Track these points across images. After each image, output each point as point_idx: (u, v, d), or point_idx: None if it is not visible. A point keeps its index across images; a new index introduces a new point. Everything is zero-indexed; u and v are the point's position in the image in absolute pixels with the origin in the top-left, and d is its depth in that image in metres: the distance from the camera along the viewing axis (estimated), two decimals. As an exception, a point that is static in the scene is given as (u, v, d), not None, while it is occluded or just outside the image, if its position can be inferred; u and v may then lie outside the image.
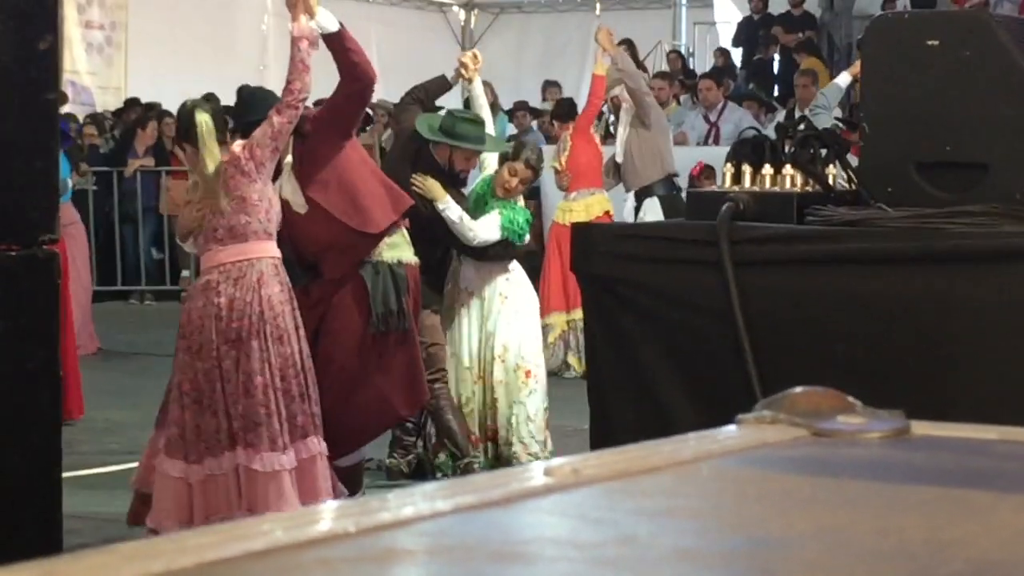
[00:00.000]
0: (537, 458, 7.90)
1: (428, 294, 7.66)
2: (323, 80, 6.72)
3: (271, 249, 6.19)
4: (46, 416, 4.74)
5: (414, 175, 7.76)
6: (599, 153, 11.71)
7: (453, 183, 7.93)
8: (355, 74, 6.45)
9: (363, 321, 6.66)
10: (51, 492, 4.71)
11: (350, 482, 6.70)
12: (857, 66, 11.07)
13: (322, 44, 6.43)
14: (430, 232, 7.61)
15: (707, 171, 13.12)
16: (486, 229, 7.92)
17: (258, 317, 6.05)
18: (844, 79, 11.19)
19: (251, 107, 6.64)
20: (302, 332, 6.21)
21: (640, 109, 11.47)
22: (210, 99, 19.64)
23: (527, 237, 8.29)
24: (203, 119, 6.19)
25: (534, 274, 11.08)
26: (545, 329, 10.81)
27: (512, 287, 8.24)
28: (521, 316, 8.20)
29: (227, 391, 6.02)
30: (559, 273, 11.26)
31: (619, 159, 11.67)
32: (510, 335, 8.14)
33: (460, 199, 7.96)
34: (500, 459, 8.14)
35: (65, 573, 1.26)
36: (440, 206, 7.75)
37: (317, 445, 6.18)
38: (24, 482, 4.61)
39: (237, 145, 6.21)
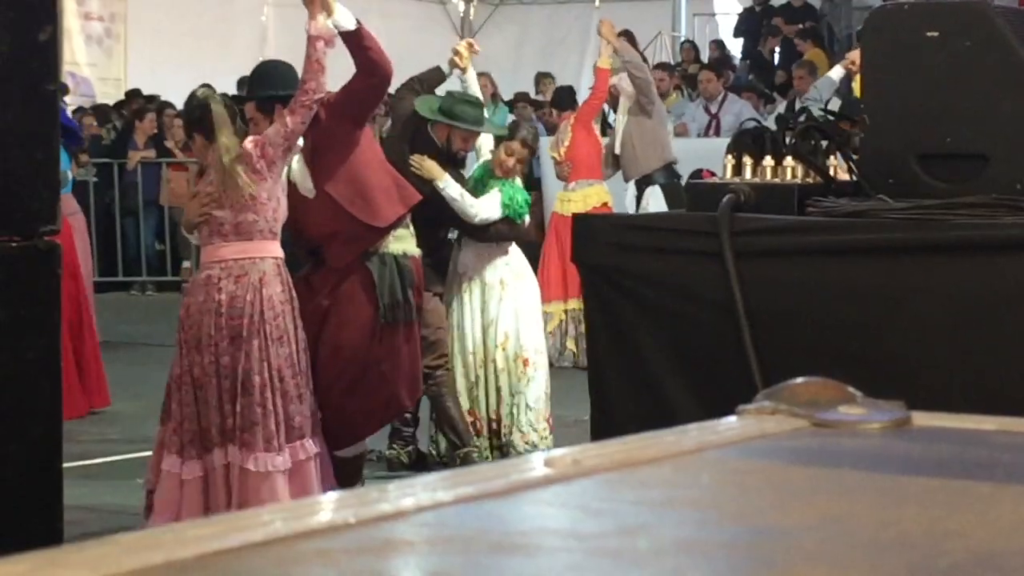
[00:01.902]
0: (536, 448, 7.91)
1: (431, 277, 7.66)
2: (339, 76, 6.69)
3: (275, 249, 6.18)
4: (46, 407, 4.74)
5: (412, 156, 7.77)
6: (599, 145, 11.71)
7: (451, 163, 7.95)
8: (373, 71, 6.43)
9: (371, 311, 6.64)
10: (51, 483, 4.71)
11: (351, 473, 6.70)
12: (849, 59, 11.07)
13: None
14: (433, 214, 7.61)
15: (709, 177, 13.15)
16: (487, 207, 7.92)
17: (259, 316, 6.03)
18: (837, 72, 11.19)
19: (273, 81, 6.60)
20: (301, 333, 6.20)
21: (644, 97, 11.46)
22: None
23: (527, 217, 8.29)
24: (218, 110, 6.17)
25: (533, 264, 11.06)
26: (544, 318, 10.81)
27: (512, 274, 8.24)
28: (522, 304, 8.20)
29: (224, 388, 6.01)
30: (558, 262, 11.26)
31: (617, 150, 11.65)
32: (510, 323, 8.13)
33: (459, 179, 7.98)
34: (501, 448, 8.14)
35: (66, 564, 1.26)
36: (440, 184, 7.75)
37: (312, 447, 6.17)
38: (24, 473, 4.61)
39: (249, 142, 6.18)
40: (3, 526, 4.42)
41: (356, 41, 6.37)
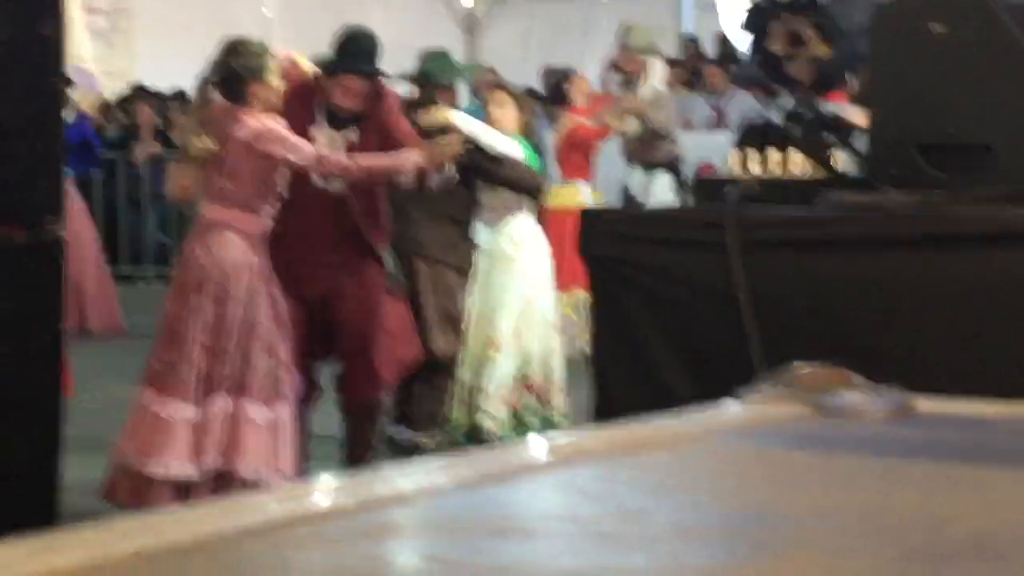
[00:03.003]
0: (494, 436, 7.79)
1: (456, 248, 7.70)
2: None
3: (252, 223, 6.16)
4: (48, 398, 4.74)
5: (420, 116, 7.64)
6: (592, 152, 11.45)
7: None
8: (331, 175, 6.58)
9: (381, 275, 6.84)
10: (51, 473, 4.72)
11: (369, 417, 6.80)
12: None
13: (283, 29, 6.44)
14: (473, 177, 7.60)
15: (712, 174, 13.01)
16: (507, 143, 7.75)
17: (214, 274, 6.05)
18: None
19: (360, 56, 6.63)
20: (259, 300, 6.20)
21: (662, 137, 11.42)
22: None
23: (541, 177, 8.17)
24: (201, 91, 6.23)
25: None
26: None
27: (517, 250, 8.11)
28: (508, 287, 8.06)
29: (184, 340, 6.06)
30: None
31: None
32: (489, 304, 8.02)
33: None
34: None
35: (63, 548, 1.26)
36: (456, 121, 7.53)
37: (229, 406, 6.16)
38: (25, 463, 4.61)
39: (260, 120, 6.16)
40: (3, 516, 4.42)
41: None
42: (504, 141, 7.69)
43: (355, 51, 6.64)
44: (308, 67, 6.67)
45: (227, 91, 6.12)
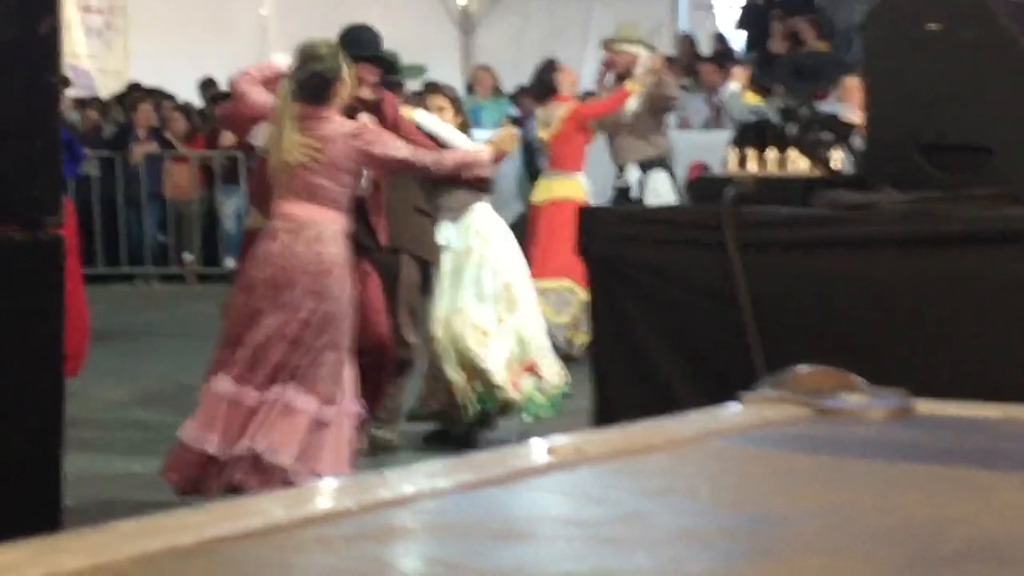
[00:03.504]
0: (519, 407, 7.95)
1: (421, 241, 7.76)
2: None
3: (343, 221, 6.31)
4: (48, 397, 4.74)
5: None
6: (588, 142, 11.37)
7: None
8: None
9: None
10: (52, 472, 4.71)
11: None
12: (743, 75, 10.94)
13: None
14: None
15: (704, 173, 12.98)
16: (468, 141, 7.74)
17: (312, 271, 6.17)
18: (735, 85, 10.89)
19: (368, 45, 6.74)
20: (346, 296, 6.33)
21: (663, 113, 11.40)
22: (212, 83, 19.59)
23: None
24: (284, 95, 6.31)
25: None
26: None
27: (485, 242, 8.11)
28: (482, 279, 8.06)
29: (265, 332, 6.15)
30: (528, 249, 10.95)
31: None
32: (464, 300, 8.03)
33: None
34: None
35: (66, 551, 1.26)
36: (419, 120, 7.59)
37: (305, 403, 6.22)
38: (25, 462, 4.61)
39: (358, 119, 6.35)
40: (3, 515, 4.42)
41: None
42: (464, 139, 7.78)
43: (363, 41, 6.75)
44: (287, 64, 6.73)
45: (313, 94, 6.24)
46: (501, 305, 8.04)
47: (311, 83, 6.21)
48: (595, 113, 11.25)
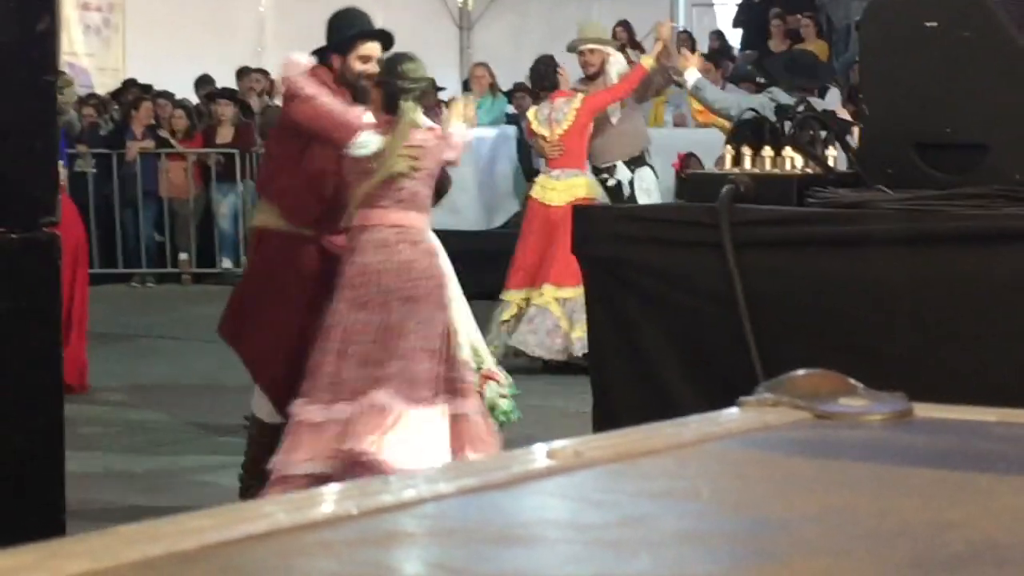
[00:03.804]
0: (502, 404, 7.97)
1: None
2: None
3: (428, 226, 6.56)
4: (48, 398, 4.74)
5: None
6: (589, 134, 11.22)
7: None
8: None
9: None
10: (53, 474, 4.72)
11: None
12: (690, 58, 10.89)
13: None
14: None
15: (690, 161, 12.93)
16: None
17: (435, 281, 6.42)
18: (693, 75, 10.76)
19: (366, 22, 6.83)
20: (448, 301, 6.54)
21: (654, 95, 11.39)
22: (210, 82, 19.55)
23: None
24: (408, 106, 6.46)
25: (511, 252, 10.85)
26: (502, 306, 10.68)
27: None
28: None
29: (386, 346, 6.29)
30: (524, 250, 10.89)
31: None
32: None
33: None
34: None
35: (67, 556, 1.26)
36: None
37: (456, 406, 6.46)
38: (26, 464, 4.61)
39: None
40: (4, 517, 4.42)
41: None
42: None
43: (359, 20, 6.82)
44: (308, 60, 6.71)
45: (391, 104, 6.49)
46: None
47: (392, 94, 6.45)
48: (613, 97, 10.94)
